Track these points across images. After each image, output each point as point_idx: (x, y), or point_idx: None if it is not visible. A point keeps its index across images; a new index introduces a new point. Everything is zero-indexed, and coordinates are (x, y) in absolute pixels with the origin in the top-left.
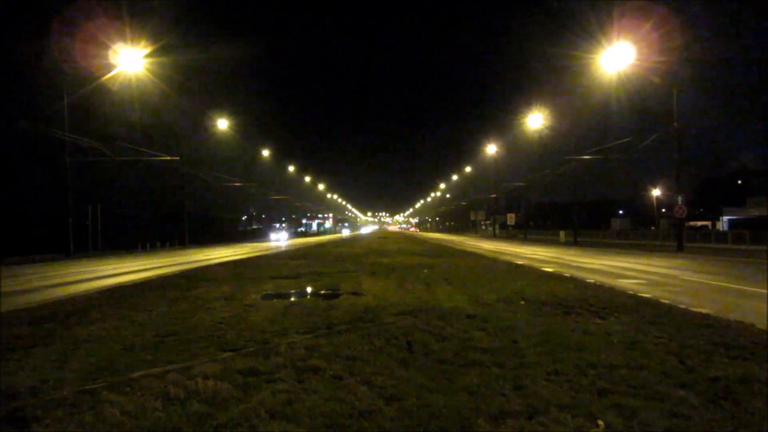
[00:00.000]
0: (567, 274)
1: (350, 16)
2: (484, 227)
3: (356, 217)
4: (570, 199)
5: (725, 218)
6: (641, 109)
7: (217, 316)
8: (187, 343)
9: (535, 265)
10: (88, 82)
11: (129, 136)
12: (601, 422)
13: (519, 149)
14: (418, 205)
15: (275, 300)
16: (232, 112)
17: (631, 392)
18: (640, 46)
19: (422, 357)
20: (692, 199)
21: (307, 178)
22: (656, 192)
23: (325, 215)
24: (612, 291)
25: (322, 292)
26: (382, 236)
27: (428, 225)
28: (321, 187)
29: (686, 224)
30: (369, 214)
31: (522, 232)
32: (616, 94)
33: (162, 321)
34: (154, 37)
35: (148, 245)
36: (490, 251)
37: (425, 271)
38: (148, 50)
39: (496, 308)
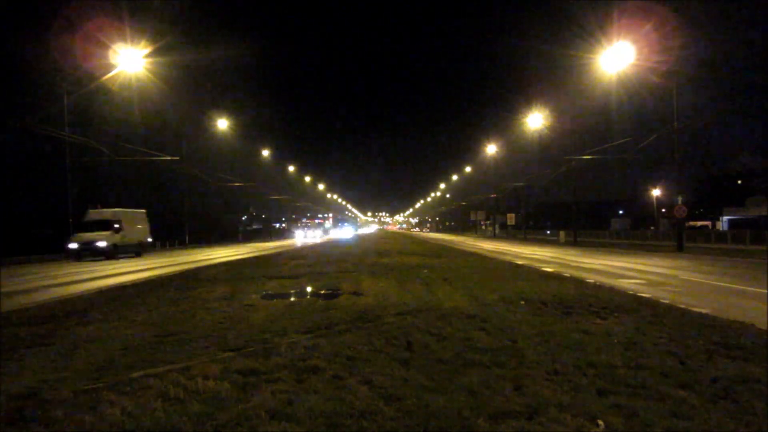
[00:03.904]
0: (567, 274)
1: (350, 16)
2: (483, 227)
3: (356, 216)
4: (570, 199)
5: (725, 218)
6: (641, 109)
7: (217, 316)
8: (187, 343)
9: (535, 265)
10: (88, 82)
11: (129, 136)
12: (601, 422)
13: (519, 149)
14: (418, 205)
15: (275, 300)
16: (233, 112)
17: (631, 392)
18: (640, 46)
19: (422, 357)
20: (692, 199)
21: (308, 178)
22: (656, 192)
23: (325, 215)
24: (612, 291)
25: (322, 292)
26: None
27: (428, 225)
28: (321, 186)
29: (686, 224)
30: (369, 214)
31: (522, 232)
32: (616, 94)
33: (162, 321)
34: (154, 37)
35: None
36: (490, 251)
37: (425, 271)
38: (148, 50)
39: (496, 308)
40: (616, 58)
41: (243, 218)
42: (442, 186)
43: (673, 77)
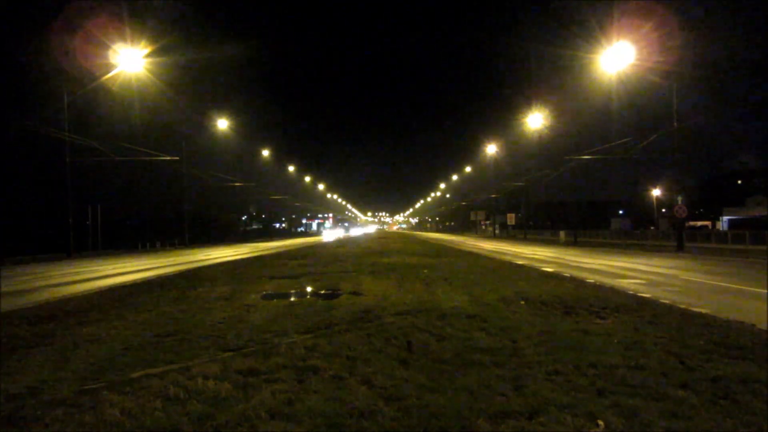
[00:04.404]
0: (567, 274)
1: (351, 16)
2: (483, 227)
3: (356, 216)
4: (570, 199)
5: (725, 218)
6: (641, 109)
7: (217, 316)
8: (187, 343)
9: (535, 265)
10: (88, 82)
11: (129, 136)
12: (601, 422)
13: (519, 149)
14: (418, 205)
15: (275, 300)
16: (232, 112)
17: (631, 392)
18: (640, 46)
19: (422, 357)
20: (692, 199)
21: (308, 178)
22: (656, 192)
23: (326, 215)
24: (612, 291)
25: (322, 292)
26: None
27: (428, 225)
28: (321, 186)
29: (686, 224)
30: (369, 214)
31: (522, 232)
32: (616, 94)
33: (162, 321)
34: (154, 37)
35: (147, 245)
36: (490, 251)
37: (425, 271)
38: (148, 50)
39: (496, 308)
40: (616, 58)
41: (243, 218)
42: (443, 186)
43: (673, 77)
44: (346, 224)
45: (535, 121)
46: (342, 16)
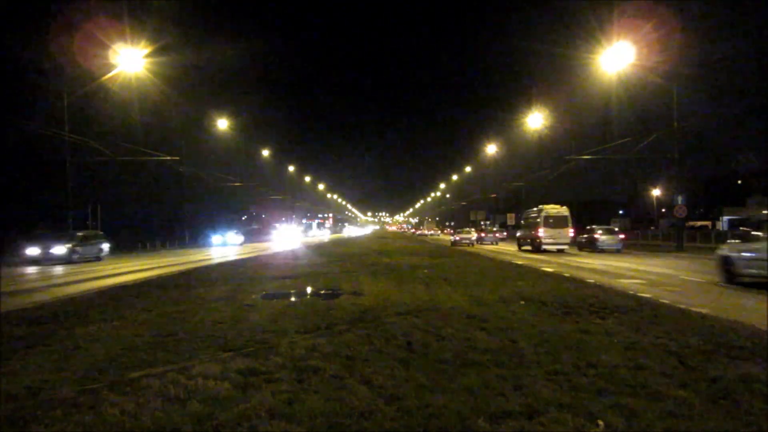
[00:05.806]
0: (567, 274)
1: (351, 16)
2: (483, 227)
3: (356, 216)
4: (570, 199)
5: (725, 218)
6: (641, 109)
7: (217, 316)
8: (187, 343)
9: (535, 265)
10: (88, 82)
11: (129, 136)
12: (601, 422)
13: (519, 149)
14: (418, 205)
15: (275, 300)
16: (232, 112)
17: (631, 392)
18: (640, 46)
19: (422, 357)
20: (692, 199)
21: (308, 178)
22: (656, 192)
23: (326, 215)
24: (612, 291)
25: (322, 292)
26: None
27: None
28: (321, 186)
29: (686, 224)
30: (369, 214)
31: None
32: (616, 94)
33: (162, 321)
34: (154, 37)
35: (147, 245)
36: (490, 251)
37: (425, 271)
38: (148, 50)
39: (496, 308)
40: (616, 58)
41: (243, 218)
42: (442, 186)
43: (673, 77)
44: (313, 223)
45: (535, 121)
46: (342, 15)
